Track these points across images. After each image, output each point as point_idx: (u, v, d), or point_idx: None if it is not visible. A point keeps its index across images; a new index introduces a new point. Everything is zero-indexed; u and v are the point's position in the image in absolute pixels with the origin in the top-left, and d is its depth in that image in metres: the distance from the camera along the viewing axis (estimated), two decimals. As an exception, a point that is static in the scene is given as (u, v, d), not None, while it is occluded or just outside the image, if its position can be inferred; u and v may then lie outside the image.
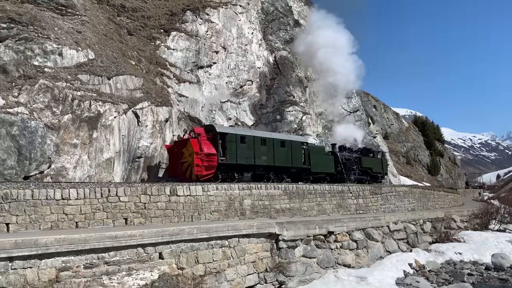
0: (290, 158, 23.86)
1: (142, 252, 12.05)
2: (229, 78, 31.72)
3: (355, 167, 29.83)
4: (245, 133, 22.39)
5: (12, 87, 18.69)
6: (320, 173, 26.04)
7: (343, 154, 29.51)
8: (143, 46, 27.95)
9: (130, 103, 22.99)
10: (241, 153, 21.17)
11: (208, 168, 19.51)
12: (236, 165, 21.05)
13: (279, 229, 16.11)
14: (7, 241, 9.63)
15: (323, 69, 36.81)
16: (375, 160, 32.58)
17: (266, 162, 22.41)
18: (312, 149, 26.04)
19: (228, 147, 20.76)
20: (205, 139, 20.12)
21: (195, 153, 19.21)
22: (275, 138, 23.62)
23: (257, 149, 21.97)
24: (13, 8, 21.08)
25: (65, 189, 12.98)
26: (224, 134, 20.97)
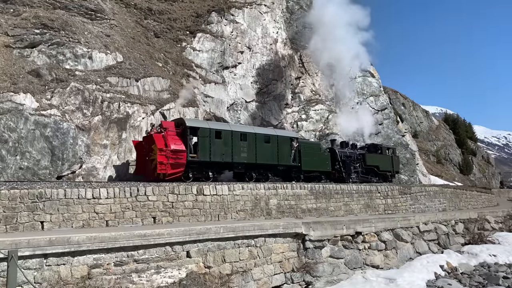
0: (275, 155, 21.74)
1: (170, 251, 12.24)
2: (254, 78, 31.78)
3: (357, 165, 27.36)
4: (221, 127, 20.13)
5: (45, 90, 19.40)
6: (313, 172, 24.00)
7: (343, 150, 27.11)
8: (170, 48, 28.39)
9: (157, 104, 23.42)
10: (216, 149, 19.22)
11: (174, 166, 17.71)
12: (210, 163, 19.18)
13: (305, 229, 16.01)
14: (42, 238, 9.99)
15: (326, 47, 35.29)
16: (384, 157, 29.56)
17: (246, 159, 20.37)
18: (304, 145, 23.90)
19: (201, 143, 18.83)
20: (173, 134, 18.27)
21: (159, 149, 17.42)
22: (257, 133, 21.36)
23: (236, 145, 19.98)
24: (45, 14, 21.87)
25: (95, 189, 13.35)
26: (195, 129, 18.91)
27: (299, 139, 23.78)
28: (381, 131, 38.38)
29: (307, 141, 26.16)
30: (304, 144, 23.91)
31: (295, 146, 22.82)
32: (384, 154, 29.83)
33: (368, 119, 37.00)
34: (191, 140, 18.70)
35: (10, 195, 11.78)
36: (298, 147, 23.04)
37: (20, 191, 11.98)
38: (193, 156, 18.53)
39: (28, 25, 20.91)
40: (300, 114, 33.61)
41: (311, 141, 28.31)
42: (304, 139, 26.76)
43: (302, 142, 23.80)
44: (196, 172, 18.79)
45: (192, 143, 18.81)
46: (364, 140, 36.10)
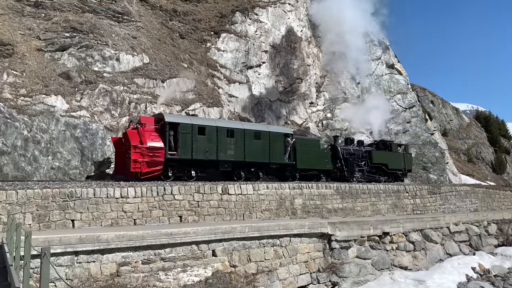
0: (267, 153, 20.17)
1: (196, 249, 12.35)
2: (279, 77, 31.69)
3: (362, 163, 25.29)
4: (205, 123, 18.76)
5: (75, 92, 19.98)
6: (310, 170, 22.26)
7: (346, 148, 25.23)
8: (195, 49, 28.68)
9: (183, 105, 23.71)
10: (199, 146, 17.85)
11: (151, 165, 16.48)
12: (192, 161, 17.79)
13: (331, 229, 15.83)
14: (73, 236, 10.27)
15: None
16: (393, 155, 27.18)
17: (233, 157, 18.91)
18: (301, 142, 22.08)
19: (181, 139, 17.47)
20: (151, 130, 17.08)
21: (133, 146, 16.19)
22: (246, 129, 19.81)
23: (221, 142, 18.57)
24: (75, 18, 22.52)
25: (123, 188, 13.62)
26: (175, 124, 17.56)
27: (295, 136, 22.15)
28: (409, 129, 37.53)
29: (304, 137, 24.18)
30: (300, 140, 22.15)
31: (290, 143, 21.21)
32: (394, 152, 27.49)
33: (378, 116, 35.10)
34: (171, 136, 17.45)
35: (43, 194, 12.17)
36: (294, 144, 21.41)
37: (52, 190, 12.36)
38: (172, 154, 17.24)
39: (58, 29, 21.58)
40: (325, 113, 33.28)
41: (309, 137, 26.13)
42: (301, 136, 24.86)
43: (298, 139, 22.08)
44: (176, 170, 17.49)
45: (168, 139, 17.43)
46: (391, 138, 35.42)
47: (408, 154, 28.95)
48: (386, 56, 40.09)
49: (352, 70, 37.25)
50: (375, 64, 38.67)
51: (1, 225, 11.28)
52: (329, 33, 37.09)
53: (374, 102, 36.63)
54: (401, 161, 27.56)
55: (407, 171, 28.38)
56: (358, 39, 38.16)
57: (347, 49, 37.31)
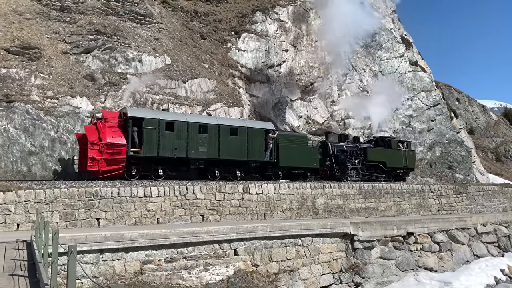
0: (245, 150, 18.86)
1: (218, 248, 12.43)
2: (299, 76, 31.53)
3: (357, 160, 23.54)
4: (174, 118, 17.56)
5: (100, 93, 20.43)
6: (295, 168, 20.80)
7: (337, 145, 23.58)
8: (215, 49, 28.86)
9: (204, 105, 23.90)
10: (167, 143, 16.75)
11: (111, 163, 15.49)
12: (159, 158, 16.72)
13: (354, 229, 15.66)
14: (98, 234, 10.51)
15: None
16: (392, 152, 25.29)
17: (206, 155, 17.72)
18: (284, 138, 20.65)
19: (146, 135, 16.38)
20: (114, 126, 16.06)
21: (90, 143, 15.26)
22: (221, 124, 18.52)
23: (192, 139, 17.40)
24: (99, 20, 23.01)
25: (147, 187, 13.84)
26: (139, 119, 16.45)
27: (278, 131, 20.80)
28: (434, 127, 36.67)
29: (288, 133, 22.57)
30: (283, 137, 20.78)
31: (271, 139, 19.87)
32: (394, 149, 25.58)
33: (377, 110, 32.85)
34: (134, 132, 16.41)
35: (69, 193, 12.50)
36: (276, 141, 20.12)
37: (78, 190, 12.68)
38: (136, 151, 16.20)
39: (83, 32, 22.10)
40: (347, 112, 32.89)
41: (294, 133, 24.06)
42: (286, 131, 23.21)
43: (281, 135, 20.76)
44: (141, 169, 16.47)
45: (130, 135, 16.42)
46: (415, 137, 34.72)
47: (411, 151, 27.25)
48: (409, 53, 39.29)
49: (375, 67, 36.69)
50: (398, 62, 37.96)
51: (30, 223, 11.64)
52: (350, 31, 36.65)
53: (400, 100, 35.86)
54: (401, 159, 25.69)
55: (409, 169, 26.54)
56: (380, 36, 37.57)
57: (369, 47, 36.78)
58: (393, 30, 39.19)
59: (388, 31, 38.50)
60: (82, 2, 23.37)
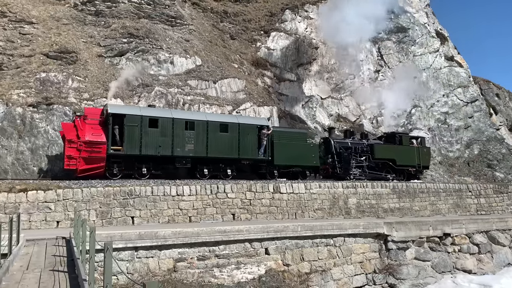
0: (236, 147, 17.95)
1: (249, 247, 12.47)
2: (330, 74, 31.14)
3: (363, 158, 21.77)
4: (158, 114, 16.84)
5: (133, 95, 20.96)
6: (292, 167, 19.54)
7: (341, 141, 22.06)
8: (245, 49, 28.97)
9: (234, 105, 24.05)
10: (150, 140, 16.06)
11: (90, 161, 14.94)
12: (142, 157, 16.02)
13: (387, 230, 15.30)
14: (133, 232, 10.78)
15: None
16: (403, 149, 23.29)
17: (193, 152, 16.92)
18: (280, 135, 19.45)
19: (127, 133, 15.71)
20: (94, 123, 15.56)
21: (68, 141, 14.80)
22: (210, 120, 17.63)
23: (178, 136, 16.63)
24: (131, 24, 23.61)
25: (179, 186, 14.08)
26: (120, 116, 15.77)
27: (273, 128, 19.70)
28: (471, 125, 35.27)
29: (284, 130, 21.08)
30: (279, 133, 19.56)
31: (265, 136, 18.81)
32: (405, 145, 23.62)
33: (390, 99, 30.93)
34: (116, 129, 15.80)
35: (105, 192, 12.90)
36: (271, 138, 19.05)
37: (113, 189, 13.06)
38: (117, 149, 15.61)
39: (117, 35, 22.75)
40: (379, 109, 32.19)
41: (291, 129, 22.49)
42: (282, 127, 22.09)
43: (277, 132, 19.60)
44: (124, 167, 15.87)
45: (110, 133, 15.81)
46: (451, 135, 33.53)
47: (425, 148, 25.00)
48: (444, 48, 37.97)
49: (408, 64, 35.70)
50: (433, 57, 36.74)
51: (69, 221, 12.09)
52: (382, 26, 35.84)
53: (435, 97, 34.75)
54: (414, 157, 23.64)
55: (423, 168, 24.42)
56: (414, 31, 36.52)
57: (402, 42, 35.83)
58: (427, 24, 37.99)
59: (422, 26, 37.35)
60: (116, 6, 24.05)
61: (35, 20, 21.30)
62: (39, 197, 12.10)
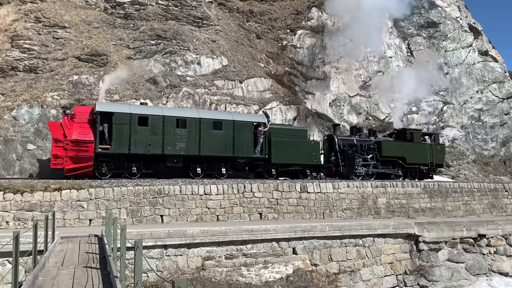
0: (230, 145, 17.33)
1: (277, 246, 12.44)
2: (358, 71, 30.65)
3: (370, 156, 20.66)
4: (148, 112, 16.45)
5: (161, 95, 21.33)
6: (291, 165, 18.68)
7: (345, 138, 20.93)
8: (271, 48, 28.93)
9: (260, 104, 24.07)
10: (139, 139, 15.69)
11: (77, 160, 14.70)
12: (131, 155, 15.70)
13: (418, 230, 14.91)
14: (162, 231, 10.97)
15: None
16: (413, 147, 21.90)
17: (185, 151, 16.44)
18: (278, 132, 18.70)
19: (116, 131, 15.40)
20: (83, 122, 15.29)
21: (54, 140, 14.68)
22: (203, 118, 17.11)
23: (169, 134, 16.20)
24: (159, 25, 24.02)
25: (207, 185, 14.22)
26: (108, 114, 15.45)
27: (270, 125, 18.95)
28: (508, 121, 33.89)
29: (283, 126, 20.19)
30: (277, 131, 18.78)
31: (262, 133, 18.10)
32: (417, 142, 22.18)
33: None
34: (104, 128, 15.55)
35: (135, 191, 13.18)
36: (269, 135, 18.33)
37: (143, 188, 13.33)
38: (105, 148, 15.34)
39: (145, 37, 23.21)
40: (410, 107, 31.42)
41: (290, 126, 21.43)
42: (281, 124, 21.33)
43: (275, 129, 18.84)
44: (113, 167, 15.58)
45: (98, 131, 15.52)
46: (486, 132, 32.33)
47: (439, 145, 23.37)
48: (478, 42, 36.61)
49: (439, 59, 34.64)
50: (466, 52, 35.50)
51: (101, 219, 12.43)
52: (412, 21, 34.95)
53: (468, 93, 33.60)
54: (426, 154, 22.18)
55: (436, 166, 22.89)
56: (445, 26, 35.43)
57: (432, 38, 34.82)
58: (459, 18, 36.75)
59: (454, 20, 36.17)
60: (144, 9, 24.54)
61: (68, 24, 22.02)
62: (73, 196, 12.50)
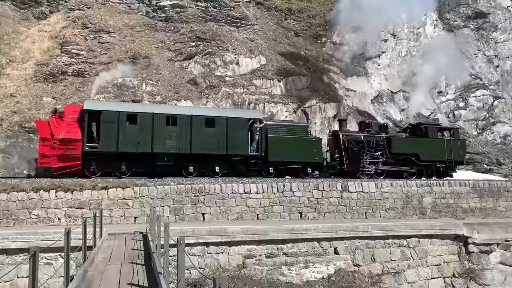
0: (223, 143, 16.70)
1: (318, 246, 12.29)
2: (400, 66, 29.69)
3: (379, 153, 19.26)
4: (137, 109, 16.24)
5: (201, 96, 21.71)
6: (289, 163, 17.85)
7: (351, 134, 19.60)
8: (310, 45, 28.64)
9: (299, 102, 23.90)
10: (128, 137, 15.42)
11: (64, 159, 14.68)
12: (119, 154, 15.45)
13: (467, 231, 14.19)
14: (203, 228, 11.15)
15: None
16: (429, 142, 20.27)
17: (175, 149, 16.06)
18: (276, 128, 17.95)
19: (103, 129, 15.25)
20: (72, 120, 15.20)
21: (42, 139, 14.79)
22: (194, 115, 16.66)
23: (159, 132, 15.86)
24: (198, 27, 24.46)
25: (246, 184, 14.29)
26: (96, 113, 15.36)
27: (270, 121, 18.32)
28: None
29: (281, 123, 19.39)
30: (275, 127, 18.09)
31: (258, 130, 17.39)
32: (432, 138, 20.48)
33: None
34: (92, 126, 15.45)
35: (177, 190, 13.49)
36: (266, 132, 17.57)
37: (185, 186, 13.61)
38: (93, 146, 15.23)
39: (185, 39, 23.73)
40: (457, 102, 30.05)
41: (289, 122, 20.30)
42: (279, 120, 20.63)
43: (272, 125, 18.13)
44: (102, 165, 15.43)
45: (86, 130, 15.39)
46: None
47: (458, 141, 21.44)
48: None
49: (489, 51, 32.84)
50: (518, 43, 33.46)
51: (145, 217, 12.83)
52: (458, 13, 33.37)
53: None
54: (443, 150, 20.40)
55: (455, 163, 20.91)
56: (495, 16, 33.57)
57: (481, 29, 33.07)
58: (510, 7, 34.69)
59: (505, 10, 34.19)
60: (184, 11, 25.08)
61: (112, 29, 22.93)
62: (119, 194, 12.98)
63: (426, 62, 30.41)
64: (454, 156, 20.65)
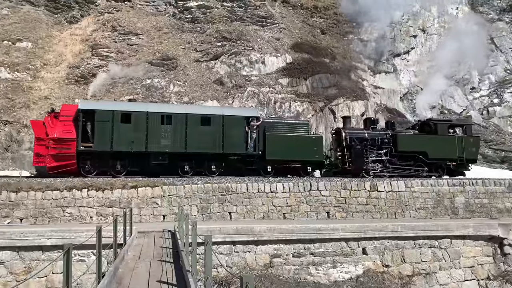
0: (219, 141, 16.49)
1: (345, 246, 12.13)
2: (431, 63, 28.88)
3: (384, 151, 18.53)
4: (131, 109, 16.25)
5: (227, 96, 21.85)
6: (288, 162, 17.42)
7: (354, 132, 18.88)
8: (336, 43, 28.30)
9: (325, 100, 23.65)
10: (122, 136, 15.46)
11: (59, 158, 14.83)
12: (113, 153, 15.48)
13: (503, 232, 13.65)
14: (230, 227, 11.22)
15: None
16: (438, 139, 19.34)
17: (170, 148, 15.99)
18: (274, 126, 17.63)
19: (98, 129, 15.34)
20: (68, 120, 15.31)
21: (37, 139, 15.01)
22: (189, 113, 16.54)
23: (153, 130, 15.81)
24: (224, 27, 24.61)
25: (272, 183, 14.28)
26: (90, 112, 15.46)
27: (263, 118, 18.01)
28: None
29: (279, 120, 19.06)
30: (273, 124, 17.74)
31: (255, 128, 17.07)
32: (441, 135, 19.51)
33: None
34: (87, 126, 15.51)
35: (205, 189, 13.63)
36: (263, 130, 17.22)
37: (211, 185, 13.74)
38: (87, 146, 15.31)
39: (211, 40, 23.93)
40: (491, 98, 28.95)
41: (288, 120, 20.05)
42: (278, 118, 20.12)
43: (270, 122, 17.82)
44: (97, 164, 15.51)
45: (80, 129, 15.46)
46: None
47: (471, 138, 20.19)
48: None
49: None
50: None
51: (173, 215, 13.03)
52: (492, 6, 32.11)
53: None
54: (454, 148, 19.34)
55: (467, 161, 19.71)
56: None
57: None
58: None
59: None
60: (210, 12, 25.31)
61: (140, 31, 23.41)
62: (148, 193, 13.26)
63: (458, 58, 29.46)
64: (466, 154, 19.59)
